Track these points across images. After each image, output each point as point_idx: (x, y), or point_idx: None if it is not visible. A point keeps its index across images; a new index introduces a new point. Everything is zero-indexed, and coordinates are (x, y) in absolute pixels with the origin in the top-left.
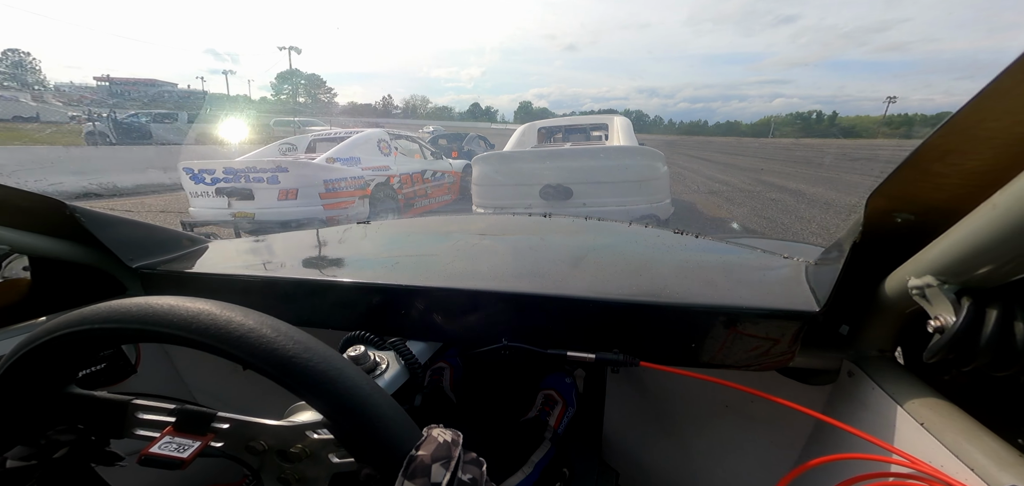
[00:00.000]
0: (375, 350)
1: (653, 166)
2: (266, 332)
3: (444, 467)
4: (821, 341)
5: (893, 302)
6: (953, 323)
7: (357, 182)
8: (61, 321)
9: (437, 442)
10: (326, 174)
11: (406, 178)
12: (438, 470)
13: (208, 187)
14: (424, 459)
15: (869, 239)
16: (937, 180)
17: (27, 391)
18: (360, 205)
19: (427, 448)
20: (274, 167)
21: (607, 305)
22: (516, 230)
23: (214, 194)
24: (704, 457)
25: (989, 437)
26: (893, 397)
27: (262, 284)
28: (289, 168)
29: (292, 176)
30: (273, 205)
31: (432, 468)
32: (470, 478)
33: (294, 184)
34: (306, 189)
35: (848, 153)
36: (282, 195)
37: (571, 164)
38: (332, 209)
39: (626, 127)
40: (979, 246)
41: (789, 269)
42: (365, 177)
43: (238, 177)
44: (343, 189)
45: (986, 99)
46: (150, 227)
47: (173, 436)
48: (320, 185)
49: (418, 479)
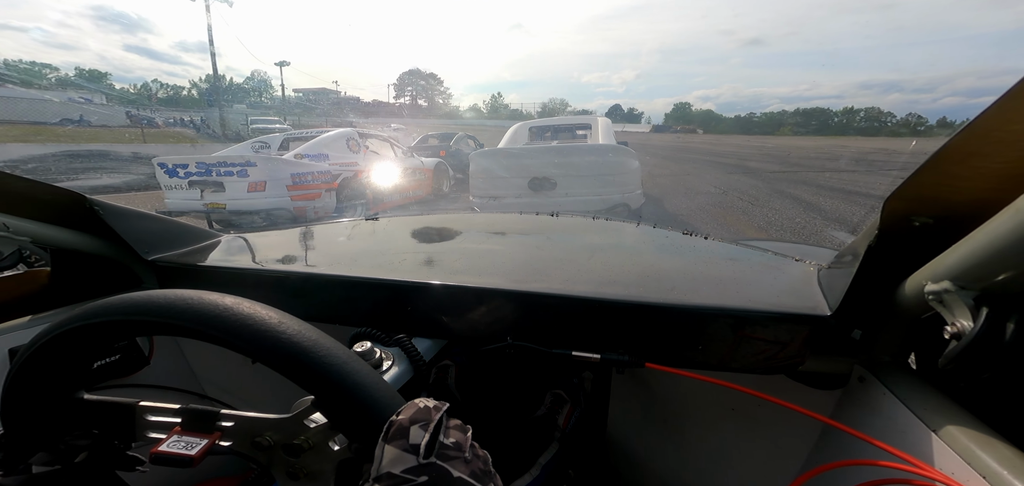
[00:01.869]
0: (381, 346)
1: (625, 162)
2: (242, 309)
3: (423, 429)
4: (832, 345)
5: (908, 307)
6: (970, 330)
7: (324, 176)
8: (82, 312)
9: (417, 406)
10: (293, 168)
11: (375, 173)
12: (417, 431)
13: (181, 181)
14: (403, 422)
15: (885, 242)
16: (957, 183)
17: (50, 377)
18: (327, 197)
19: (407, 412)
20: (243, 161)
21: (613, 305)
22: (523, 229)
23: (187, 187)
24: (709, 460)
25: (1004, 445)
26: (905, 403)
27: (272, 278)
28: (258, 162)
29: (260, 169)
30: (243, 196)
31: (410, 430)
32: (453, 442)
33: (262, 177)
34: (274, 182)
35: None
36: (251, 187)
37: (555, 159)
38: (299, 200)
39: (606, 127)
40: (1000, 251)
41: (800, 271)
42: (333, 172)
43: (210, 171)
44: (310, 182)
45: (1011, 101)
46: (165, 220)
47: (181, 435)
48: (287, 178)
49: (397, 441)
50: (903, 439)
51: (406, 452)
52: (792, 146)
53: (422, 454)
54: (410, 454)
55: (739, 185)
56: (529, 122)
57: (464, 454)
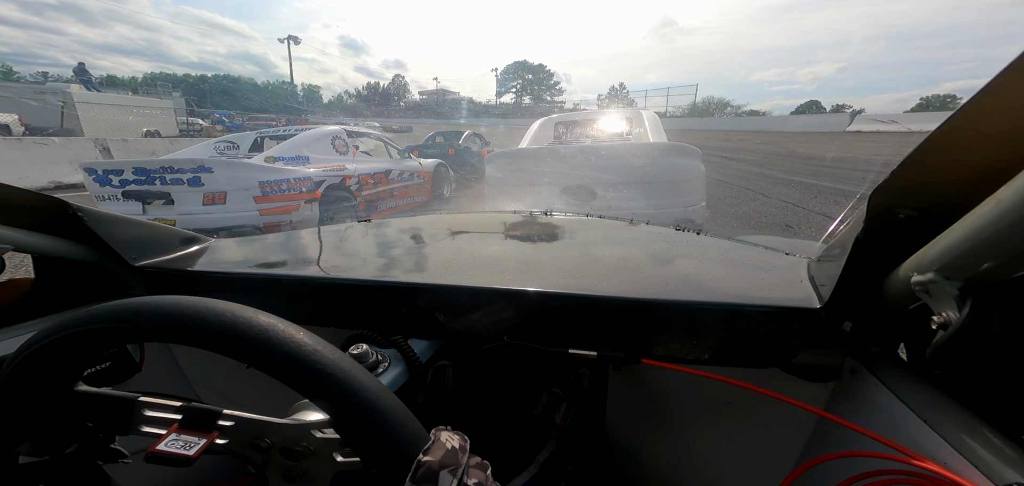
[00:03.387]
0: (377, 348)
1: (688, 165)
2: (275, 333)
3: (451, 474)
4: (823, 338)
5: (896, 298)
6: (956, 319)
7: (303, 183)
8: (69, 319)
9: (445, 448)
10: (262, 175)
11: (367, 178)
12: (446, 477)
13: (115, 190)
14: (432, 465)
15: (871, 235)
16: (940, 176)
17: (37, 388)
18: (307, 209)
19: (435, 453)
20: (195, 167)
21: (608, 302)
22: (517, 228)
23: (122, 198)
24: (706, 454)
25: (993, 434)
26: (896, 394)
27: (265, 282)
28: (214, 168)
29: (218, 177)
30: (198, 210)
31: (440, 475)
32: (475, 483)
33: (222, 186)
34: (236, 192)
35: None
36: (208, 199)
37: (595, 162)
38: (271, 214)
39: (654, 122)
40: (983, 242)
41: (791, 266)
42: (314, 177)
43: (152, 178)
44: (284, 192)
45: (990, 95)
46: (153, 226)
47: (179, 434)
48: (254, 187)
49: (425, 485)
50: (895, 430)
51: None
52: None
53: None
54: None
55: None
56: (554, 117)
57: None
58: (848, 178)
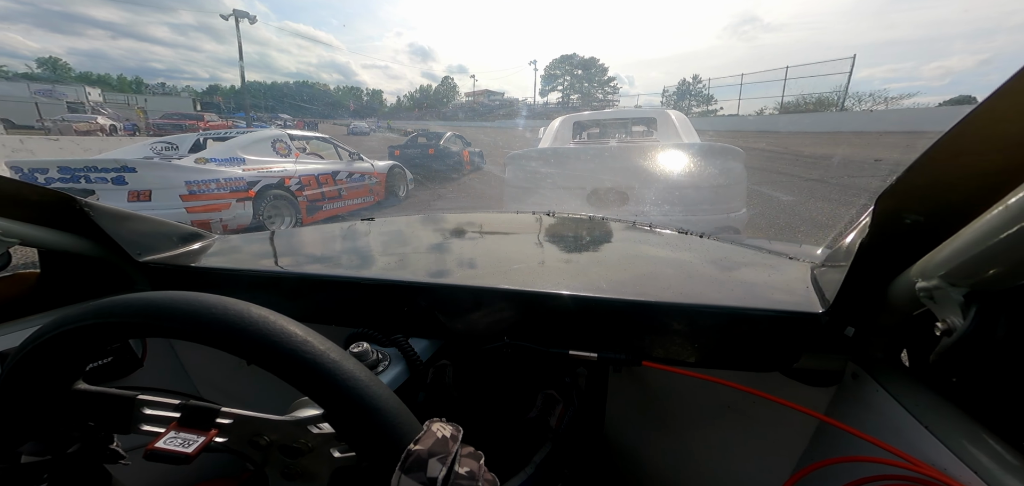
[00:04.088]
0: (378, 347)
1: (728, 167)
2: (266, 325)
3: (441, 462)
4: (825, 342)
5: (900, 304)
6: (961, 326)
7: (234, 184)
8: (72, 314)
9: (435, 437)
10: (189, 175)
11: (309, 179)
12: (435, 465)
13: None
14: (421, 453)
15: (877, 240)
16: (948, 181)
17: (36, 386)
18: (238, 207)
19: (425, 442)
20: (119, 166)
21: (610, 304)
22: (519, 228)
23: None
24: (706, 458)
25: (995, 441)
26: (898, 400)
27: (267, 279)
28: (138, 167)
29: (142, 176)
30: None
31: (429, 463)
32: (467, 471)
33: (146, 185)
34: (162, 191)
35: None
36: (132, 196)
37: (625, 164)
38: (198, 212)
39: (683, 122)
40: (990, 248)
41: (794, 270)
42: (247, 178)
43: (76, 177)
44: (212, 191)
45: (1001, 99)
46: (157, 222)
47: (178, 431)
48: (180, 186)
49: (414, 473)
50: (896, 435)
51: (423, 485)
52: None
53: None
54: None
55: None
56: (573, 116)
57: (477, 483)
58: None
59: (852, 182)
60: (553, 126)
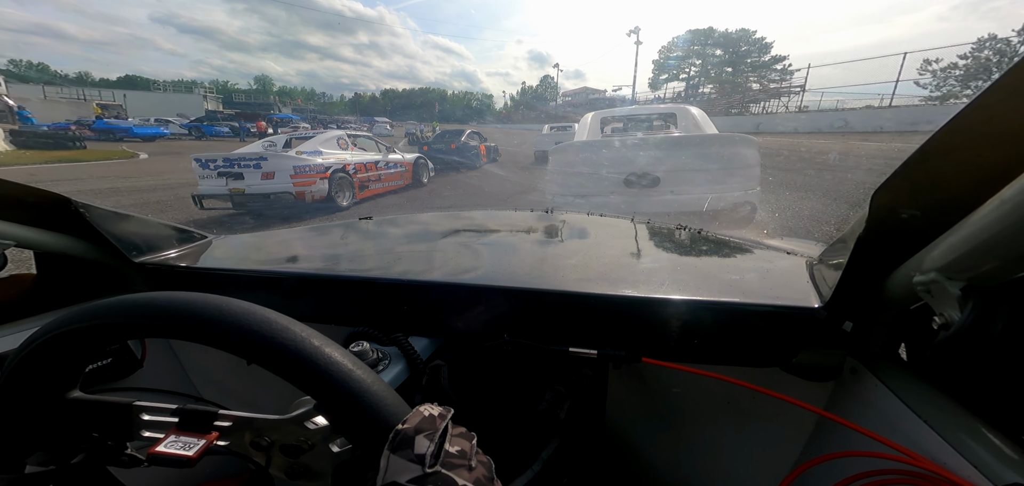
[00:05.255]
0: (378, 346)
1: (744, 153)
2: (247, 318)
3: (428, 439)
4: (824, 338)
5: (898, 299)
6: (958, 320)
7: (318, 168)
8: (71, 315)
9: (422, 415)
10: (295, 162)
11: (360, 166)
12: (422, 441)
13: (211, 172)
14: (408, 431)
15: (874, 235)
16: (944, 176)
17: (40, 382)
18: (321, 183)
19: (412, 421)
20: (257, 157)
21: (609, 301)
22: (519, 226)
23: (216, 176)
24: (706, 453)
25: (993, 434)
26: (896, 394)
27: (265, 279)
28: (268, 157)
29: (271, 163)
30: (258, 183)
31: (416, 440)
32: (458, 450)
33: (272, 169)
34: (280, 172)
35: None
36: (264, 176)
37: (657, 153)
38: (299, 186)
39: (702, 116)
40: (986, 242)
41: (792, 265)
42: (325, 164)
43: (233, 164)
44: (307, 172)
45: (994, 95)
46: (154, 223)
47: (178, 435)
48: (290, 169)
49: (402, 451)
50: (895, 429)
51: (411, 462)
52: None
53: (427, 464)
54: (415, 464)
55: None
56: (601, 113)
57: (469, 462)
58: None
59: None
60: (586, 120)
